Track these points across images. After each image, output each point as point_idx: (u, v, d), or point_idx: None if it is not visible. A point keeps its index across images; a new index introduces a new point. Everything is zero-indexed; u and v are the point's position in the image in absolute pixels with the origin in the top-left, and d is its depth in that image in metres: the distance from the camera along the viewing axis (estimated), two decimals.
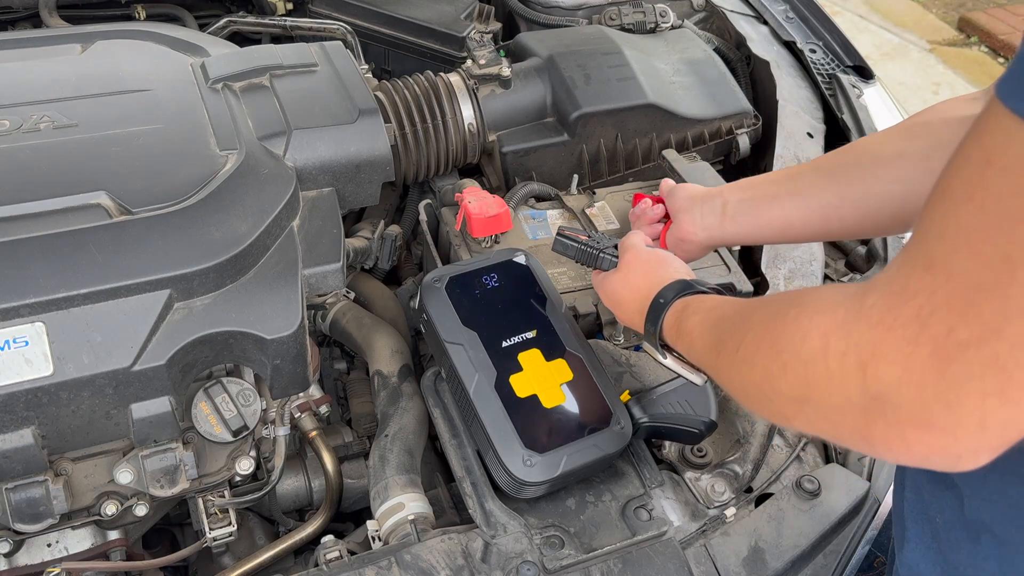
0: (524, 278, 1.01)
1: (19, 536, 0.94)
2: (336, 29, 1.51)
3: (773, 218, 0.96)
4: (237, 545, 1.07)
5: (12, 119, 1.01)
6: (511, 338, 0.95)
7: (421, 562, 0.87)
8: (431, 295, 0.96)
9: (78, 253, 0.88)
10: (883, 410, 0.50)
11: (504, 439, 0.88)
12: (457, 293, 0.96)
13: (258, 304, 0.93)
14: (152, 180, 0.97)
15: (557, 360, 0.95)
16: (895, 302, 0.49)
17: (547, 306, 0.99)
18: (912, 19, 4.71)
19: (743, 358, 0.65)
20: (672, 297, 0.84)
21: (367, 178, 1.13)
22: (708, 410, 0.95)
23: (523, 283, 1.01)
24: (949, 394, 0.46)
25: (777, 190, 0.96)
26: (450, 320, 0.94)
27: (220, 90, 1.12)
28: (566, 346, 0.96)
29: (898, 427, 0.50)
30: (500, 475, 0.90)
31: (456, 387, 0.93)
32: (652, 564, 0.88)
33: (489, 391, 0.90)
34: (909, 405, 0.48)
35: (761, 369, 0.61)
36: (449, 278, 0.97)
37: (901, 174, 0.88)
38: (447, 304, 0.95)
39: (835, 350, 0.53)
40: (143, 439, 0.93)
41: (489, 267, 1.00)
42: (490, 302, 0.97)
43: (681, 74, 1.47)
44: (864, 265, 1.29)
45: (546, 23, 1.64)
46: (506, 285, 0.99)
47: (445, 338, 0.93)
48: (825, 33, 1.69)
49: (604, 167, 1.40)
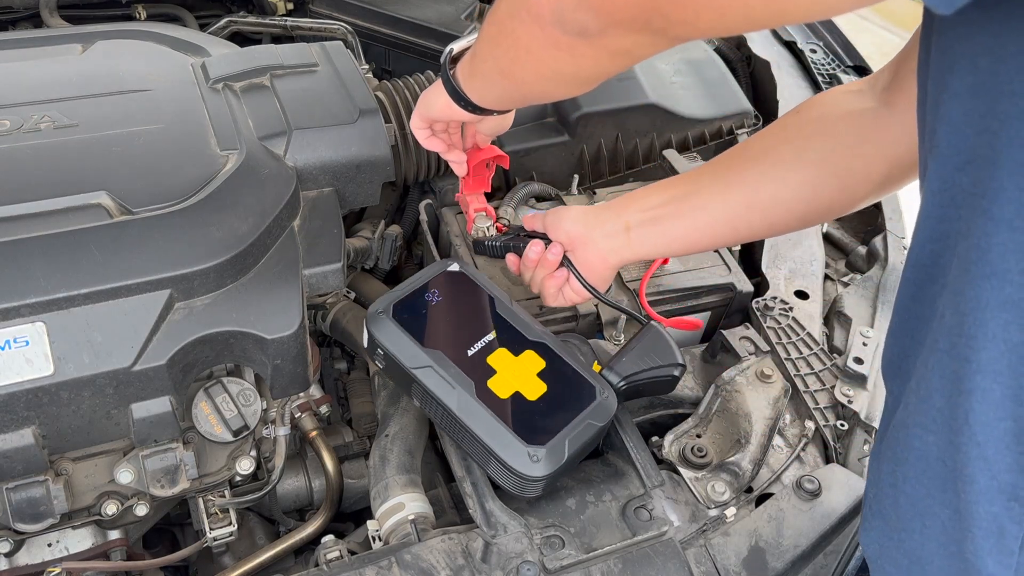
0: (464, 284, 0.99)
1: (19, 536, 0.94)
2: (336, 29, 1.51)
3: (679, 234, 0.94)
4: (237, 545, 1.07)
5: (12, 119, 1.01)
6: (474, 345, 0.93)
7: (421, 562, 0.87)
8: (380, 327, 0.93)
9: (79, 253, 0.88)
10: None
11: (504, 444, 0.87)
12: (405, 318, 0.94)
13: (258, 304, 0.93)
14: (153, 180, 0.97)
15: (525, 352, 0.94)
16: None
17: (496, 304, 0.98)
18: (912, 19, 4.69)
19: (499, 27, 0.75)
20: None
21: (367, 178, 1.13)
22: (673, 355, 0.96)
23: (465, 289, 0.99)
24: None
25: (680, 207, 0.94)
26: (409, 347, 0.91)
27: (221, 90, 1.12)
28: (528, 336, 0.95)
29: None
30: (509, 480, 0.88)
31: (436, 410, 0.91)
32: (652, 564, 0.88)
33: (473, 403, 0.88)
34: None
35: (508, 30, 0.73)
36: (393, 306, 0.95)
37: (806, 176, 0.88)
38: (399, 332, 0.92)
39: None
40: (143, 439, 0.93)
41: (427, 283, 0.98)
42: (440, 317, 0.96)
43: (681, 74, 1.47)
44: (864, 265, 1.30)
45: None
46: (450, 296, 0.98)
47: (410, 366, 0.91)
48: (825, 33, 1.69)
49: (604, 167, 1.40)
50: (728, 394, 1.04)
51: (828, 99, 0.90)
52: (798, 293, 1.19)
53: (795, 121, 0.91)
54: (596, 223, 0.97)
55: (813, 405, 1.04)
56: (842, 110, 0.87)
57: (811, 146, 0.88)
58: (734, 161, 0.93)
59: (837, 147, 0.86)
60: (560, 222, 0.99)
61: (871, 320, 1.16)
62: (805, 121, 0.90)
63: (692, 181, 0.95)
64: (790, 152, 0.89)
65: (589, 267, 0.98)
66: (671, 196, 0.95)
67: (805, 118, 0.90)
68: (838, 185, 0.87)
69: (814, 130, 0.88)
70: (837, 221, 1.39)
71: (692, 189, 0.94)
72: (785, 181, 0.89)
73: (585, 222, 0.97)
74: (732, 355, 1.09)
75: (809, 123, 0.89)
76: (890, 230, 1.30)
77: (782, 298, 1.17)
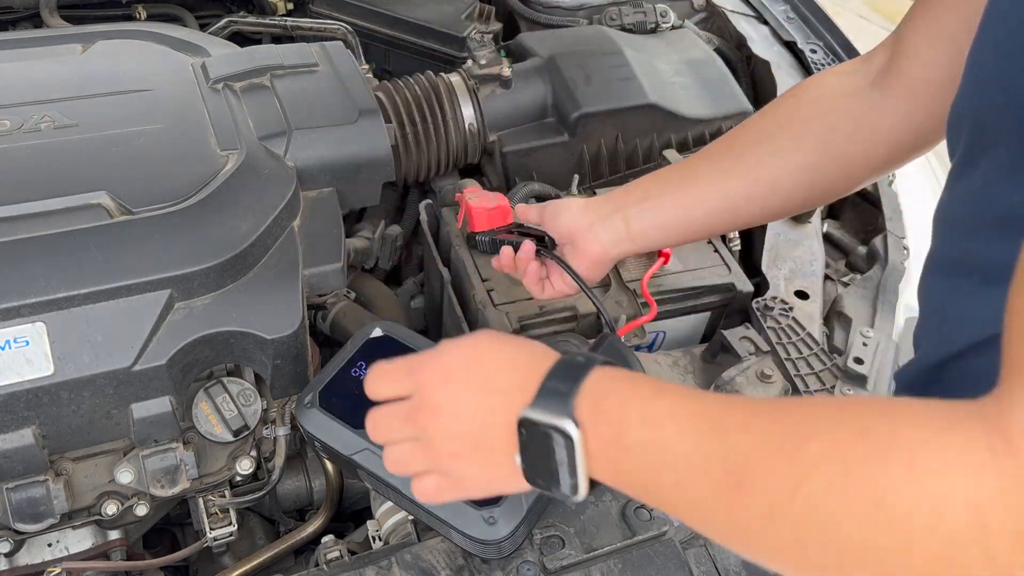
0: (391, 349, 0.94)
1: (19, 536, 0.94)
2: (336, 29, 1.51)
3: (678, 223, 0.93)
4: (237, 545, 1.07)
5: (12, 119, 1.01)
6: None
7: (421, 562, 0.87)
8: (309, 419, 0.89)
9: (79, 253, 0.88)
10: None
11: (457, 514, 0.83)
12: (333, 403, 0.89)
13: (259, 304, 0.93)
14: (153, 180, 0.97)
15: None
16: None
17: None
18: None
19: (808, 511, 0.45)
20: (590, 362, 0.60)
21: (367, 178, 1.13)
22: (630, 367, 0.88)
23: (392, 354, 0.89)
24: None
25: (678, 196, 0.93)
26: (341, 433, 0.87)
27: (221, 90, 1.12)
28: None
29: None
30: (475, 547, 0.85)
31: (387, 491, 0.87)
32: (652, 564, 0.88)
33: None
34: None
35: (858, 540, 0.43)
36: (318, 394, 0.90)
37: (806, 162, 0.87)
38: (329, 420, 0.89)
39: (1002, 530, 0.39)
40: (143, 439, 0.93)
41: (352, 358, 0.94)
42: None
43: (681, 74, 1.47)
44: (864, 265, 1.29)
45: (547, 23, 1.63)
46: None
47: (347, 453, 0.87)
48: (826, 33, 1.69)
49: (605, 167, 1.40)
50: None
51: (823, 83, 0.89)
52: (798, 293, 1.19)
53: (791, 106, 0.90)
54: (596, 216, 0.96)
55: None
56: (838, 94, 0.86)
57: (809, 132, 0.87)
58: (732, 148, 0.93)
59: (836, 133, 0.85)
60: (558, 215, 0.98)
61: (871, 320, 1.16)
62: (801, 105, 0.89)
63: (690, 168, 0.95)
64: (788, 139, 0.88)
65: (589, 259, 0.96)
66: (668, 185, 0.95)
67: (801, 101, 0.89)
68: (838, 170, 0.87)
69: (811, 115, 0.87)
70: (837, 221, 1.39)
71: (690, 176, 0.94)
72: (784, 168, 0.88)
73: (585, 215, 0.96)
74: (732, 355, 1.09)
75: (805, 108, 0.88)
76: (890, 230, 1.30)
77: (782, 298, 1.17)
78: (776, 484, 0.47)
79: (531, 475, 0.60)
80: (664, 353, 1.13)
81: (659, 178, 0.97)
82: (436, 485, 0.66)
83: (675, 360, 1.13)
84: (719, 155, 0.93)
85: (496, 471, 0.62)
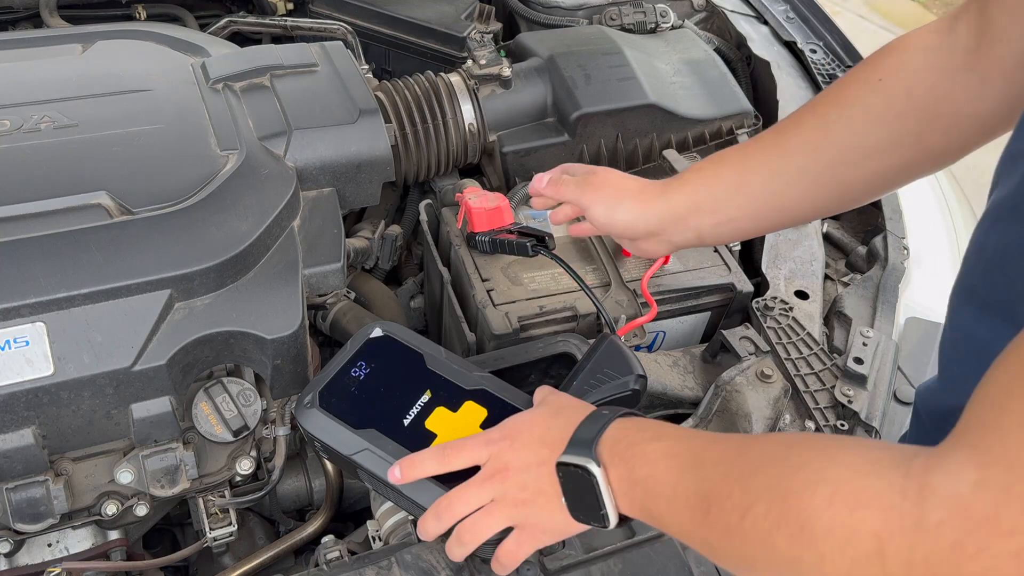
0: (391, 349, 0.94)
1: (19, 536, 0.94)
2: (336, 29, 1.51)
3: (755, 232, 0.95)
4: (237, 545, 1.07)
5: (12, 119, 1.01)
6: (409, 412, 0.88)
7: (422, 562, 0.87)
8: (309, 420, 0.88)
9: (78, 253, 0.88)
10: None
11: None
12: (333, 403, 0.89)
13: (258, 304, 0.93)
14: (153, 180, 0.97)
15: (464, 406, 0.89)
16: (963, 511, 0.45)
17: (427, 360, 0.92)
18: (912, 19, 4.71)
19: (753, 531, 0.56)
20: (612, 415, 0.74)
21: (367, 178, 1.13)
22: (631, 367, 0.89)
23: (393, 354, 0.93)
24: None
25: (759, 209, 0.91)
26: (341, 433, 0.86)
27: (221, 90, 1.12)
28: (465, 387, 0.90)
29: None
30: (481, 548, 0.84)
31: (387, 491, 0.87)
32: (652, 564, 0.88)
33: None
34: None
35: (784, 551, 0.54)
36: (318, 394, 0.90)
37: (902, 161, 0.84)
38: (329, 420, 0.87)
39: (897, 559, 0.47)
40: (143, 439, 0.93)
41: (351, 358, 0.93)
42: (370, 391, 0.90)
43: (681, 74, 1.47)
44: (864, 265, 1.29)
45: (546, 23, 1.64)
46: (377, 366, 0.92)
47: (347, 453, 0.86)
48: (826, 33, 1.69)
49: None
50: (728, 394, 1.04)
51: (911, 65, 0.83)
52: (798, 293, 1.19)
53: (882, 100, 0.83)
54: (659, 223, 0.94)
55: (813, 405, 1.04)
56: (932, 82, 0.81)
57: (906, 129, 0.82)
58: (817, 151, 0.87)
59: (933, 130, 0.81)
60: (613, 216, 0.96)
61: (871, 320, 1.16)
62: (894, 98, 0.83)
63: (775, 183, 0.90)
64: (884, 139, 0.83)
65: (651, 255, 0.99)
66: (749, 201, 0.91)
67: (894, 94, 0.83)
68: (930, 163, 0.85)
69: (906, 109, 0.82)
70: (837, 220, 1.39)
71: (776, 191, 0.90)
72: (876, 171, 0.85)
73: (645, 219, 0.95)
74: (732, 355, 1.09)
75: (900, 102, 0.82)
76: (890, 230, 1.30)
77: (782, 298, 1.17)
78: (731, 509, 0.58)
79: (573, 511, 0.73)
80: (664, 353, 1.13)
81: (739, 198, 0.91)
82: (515, 540, 0.77)
83: (675, 360, 1.13)
84: (814, 174, 0.88)
85: (555, 514, 0.74)
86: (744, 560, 0.59)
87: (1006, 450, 0.44)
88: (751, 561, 0.58)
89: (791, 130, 0.89)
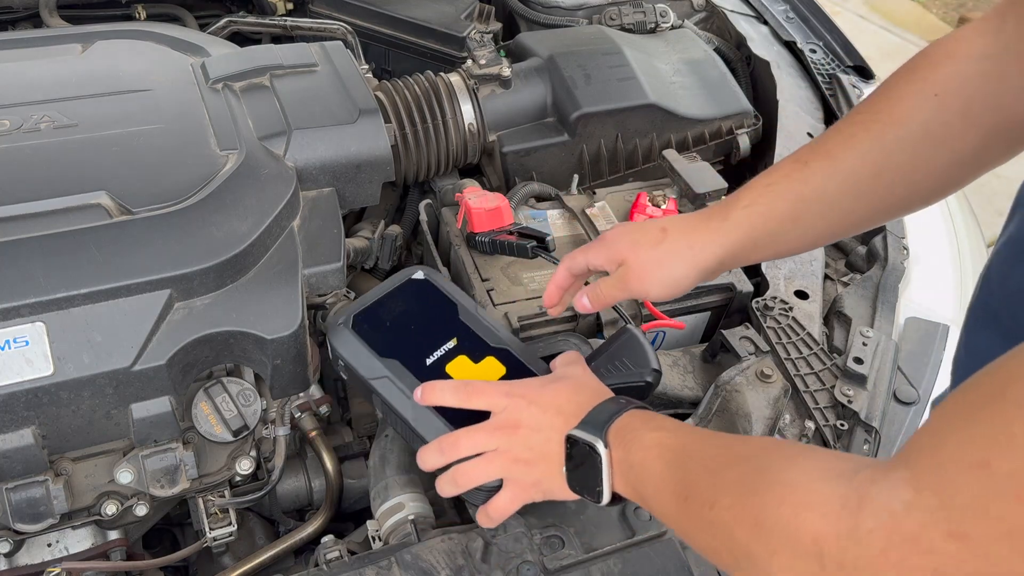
0: (428, 293, 0.97)
1: (19, 536, 0.94)
2: (336, 29, 1.51)
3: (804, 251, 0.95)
4: (237, 545, 1.07)
5: (12, 119, 1.01)
6: (434, 353, 0.91)
7: (421, 562, 0.87)
8: (340, 338, 0.92)
9: (78, 253, 0.88)
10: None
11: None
12: (365, 328, 0.92)
13: (258, 304, 0.93)
14: (152, 180, 0.97)
15: (486, 360, 0.92)
16: (893, 525, 0.48)
17: (460, 312, 0.95)
18: (912, 19, 4.71)
19: (718, 521, 0.61)
20: (628, 404, 0.78)
21: (367, 178, 1.13)
22: (648, 360, 0.91)
23: (429, 298, 0.97)
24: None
25: (814, 237, 0.88)
26: (366, 358, 0.90)
27: (220, 90, 1.12)
28: (490, 343, 0.93)
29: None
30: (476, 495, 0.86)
31: (396, 420, 0.89)
32: (652, 564, 0.88)
33: (427, 412, 0.86)
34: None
35: (742, 543, 0.59)
36: (352, 316, 0.93)
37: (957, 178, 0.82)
38: (358, 343, 0.91)
39: (831, 560, 0.52)
40: (143, 439, 0.93)
41: (390, 293, 0.96)
42: (401, 326, 0.93)
43: (681, 74, 1.47)
44: (864, 265, 1.29)
45: (546, 23, 1.64)
46: (413, 305, 0.96)
47: (367, 376, 0.89)
48: (825, 33, 1.69)
49: (604, 167, 1.40)
50: (728, 394, 1.04)
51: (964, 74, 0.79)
52: (798, 293, 1.19)
53: (940, 124, 0.80)
54: (725, 264, 0.89)
55: (813, 405, 1.04)
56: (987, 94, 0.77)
57: (967, 146, 0.79)
58: (877, 173, 0.82)
59: (996, 135, 0.79)
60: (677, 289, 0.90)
61: (871, 320, 1.16)
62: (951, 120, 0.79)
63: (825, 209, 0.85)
64: (946, 157, 0.80)
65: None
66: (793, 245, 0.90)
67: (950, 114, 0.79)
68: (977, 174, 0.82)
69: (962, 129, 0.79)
70: None
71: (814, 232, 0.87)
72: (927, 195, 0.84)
73: (704, 270, 0.89)
74: (732, 355, 1.09)
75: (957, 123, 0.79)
76: (890, 230, 1.30)
77: (782, 298, 1.17)
78: (703, 500, 0.63)
79: (571, 481, 0.79)
80: (664, 353, 1.13)
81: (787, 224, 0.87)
82: (508, 496, 0.83)
83: (675, 360, 1.13)
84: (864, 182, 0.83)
85: (553, 479, 0.80)
86: (711, 549, 0.64)
87: (940, 479, 0.47)
88: (716, 550, 0.63)
89: (843, 153, 0.84)
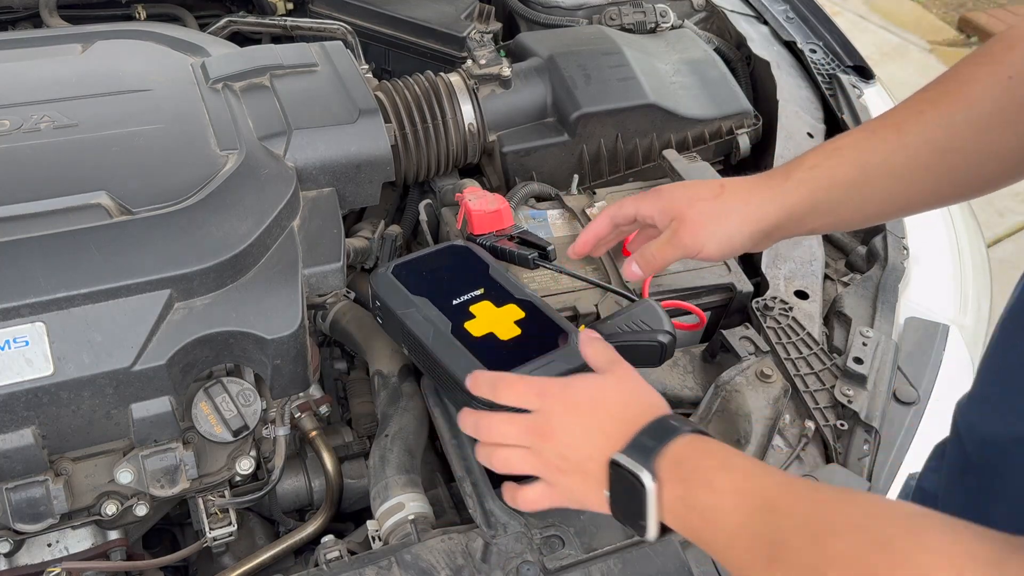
0: (466, 254, 1.05)
1: (19, 536, 0.94)
2: (336, 29, 1.51)
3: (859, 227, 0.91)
4: (237, 545, 1.07)
5: (12, 119, 1.01)
6: (460, 297, 0.98)
7: (421, 562, 0.87)
8: (379, 281, 1.00)
9: (78, 253, 0.88)
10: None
11: (468, 372, 0.87)
12: (404, 275, 1.00)
13: (258, 304, 0.93)
14: (152, 180, 0.97)
15: (507, 305, 0.97)
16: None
17: (491, 270, 1.02)
18: (912, 19, 4.71)
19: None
20: (681, 427, 0.71)
21: (367, 178, 1.13)
22: (661, 323, 0.93)
23: (465, 259, 1.05)
24: None
25: (874, 210, 0.87)
26: (399, 294, 0.97)
27: (220, 90, 1.12)
28: (514, 295, 0.98)
29: None
30: (473, 405, 0.87)
31: (416, 347, 0.94)
32: (652, 564, 0.88)
33: (446, 337, 0.92)
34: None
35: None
36: (395, 264, 1.02)
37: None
38: (395, 284, 0.99)
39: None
40: (143, 439, 0.93)
41: (432, 253, 1.06)
42: (436, 277, 1.01)
43: (681, 74, 1.47)
44: (864, 265, 1.29)
45: (546, 23, 1.64)
46: (448, 263, 1.04)
47: (396, 309, 0.96)
48: (825, 33, 1.69)
49: (604, 167, 1.40)
50: (728, 394, 1.04)
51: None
52: (798, 293, 1.19)
53: (1014, 97, 0.78)
54: (782, 224, 0.89)
55: (813, 405, 1.04)
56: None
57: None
58: (944, 150, 0.82)
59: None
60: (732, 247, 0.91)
61: (871, 320, 1.16)
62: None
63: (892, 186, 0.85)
64: (1015, 141, 0.78)
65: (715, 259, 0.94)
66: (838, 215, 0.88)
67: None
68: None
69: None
70: None
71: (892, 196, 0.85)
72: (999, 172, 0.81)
73: (761, 228, 0.89)
74: (732, 355, 1.09)
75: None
76: (890, 230, 1.30)
77: (782, 298, 1.17)
78: (802, 567, 0.56)
79: (614, 508, 0.71)
80: None
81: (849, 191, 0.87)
82: (540, 492, 0.78)
83: (675, 360, 1.13)
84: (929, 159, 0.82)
85: (590, 494, 0.73)
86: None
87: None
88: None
89: (911, 127, 0.83)
